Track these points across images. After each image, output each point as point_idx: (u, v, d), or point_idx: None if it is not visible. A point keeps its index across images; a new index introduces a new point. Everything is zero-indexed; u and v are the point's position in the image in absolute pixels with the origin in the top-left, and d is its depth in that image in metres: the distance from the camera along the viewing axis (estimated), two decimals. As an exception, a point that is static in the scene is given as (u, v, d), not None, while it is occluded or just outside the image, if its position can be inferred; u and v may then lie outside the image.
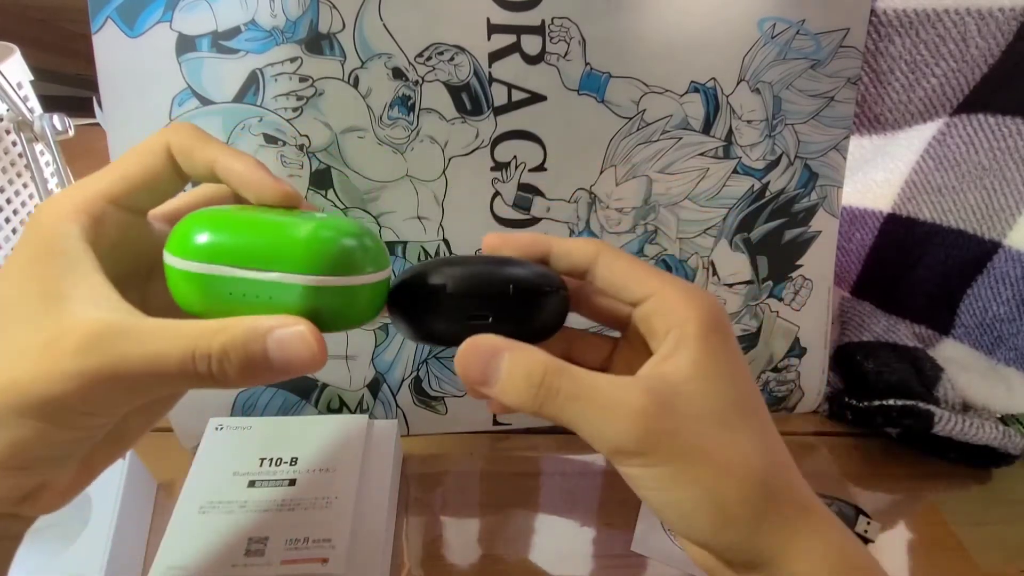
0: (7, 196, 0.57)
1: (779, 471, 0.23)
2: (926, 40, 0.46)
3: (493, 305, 0.24)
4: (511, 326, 0.24)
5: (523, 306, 0.24)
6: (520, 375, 0.22)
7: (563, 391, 0.22)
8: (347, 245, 0.21)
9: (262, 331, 0.20)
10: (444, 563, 0.40)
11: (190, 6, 0.37)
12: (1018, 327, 0.48)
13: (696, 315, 0.23)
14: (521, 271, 0.25)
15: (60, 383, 0.19)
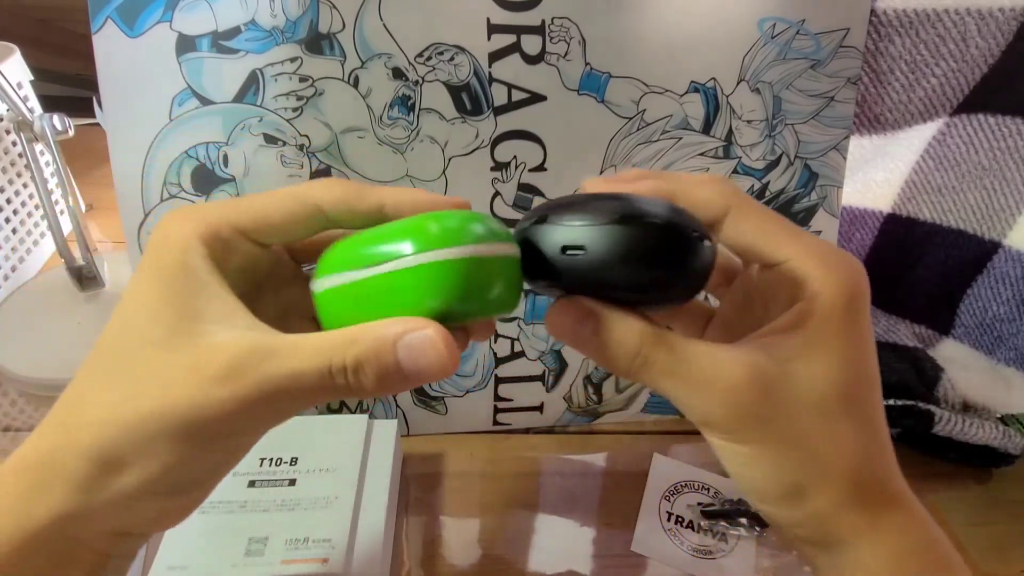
0: (7, 196, 0.57)
1: (873, 466, 0.22)
2: (926, 40, 0.46)
3: (625, 242, 0.20)
4: (642, 273, 0.21)
5: (661, 248, 0.20)
6: (614, 344, 0.21)
7: (658, 364, 0.21)
8: (471, 216, 0.21)
9: (391, 340, 0.20)
10: (444, 563, 0.40)
11: (190, 6, 0.37)
12: (1018, 327, 0.48)
13: (833, 290, 0.21)
14: (664, 209, 0.21)
15: (210, 408, 0.19)
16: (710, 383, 0.21)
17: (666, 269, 0.21)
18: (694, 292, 0.22)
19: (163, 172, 0.39)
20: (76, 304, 0.53)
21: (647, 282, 0.21)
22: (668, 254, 0.20)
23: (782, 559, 0.41)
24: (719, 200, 0.23)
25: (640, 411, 0.49)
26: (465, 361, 0.46)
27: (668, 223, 0.20)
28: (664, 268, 0.21)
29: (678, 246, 0.21)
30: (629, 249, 0.20)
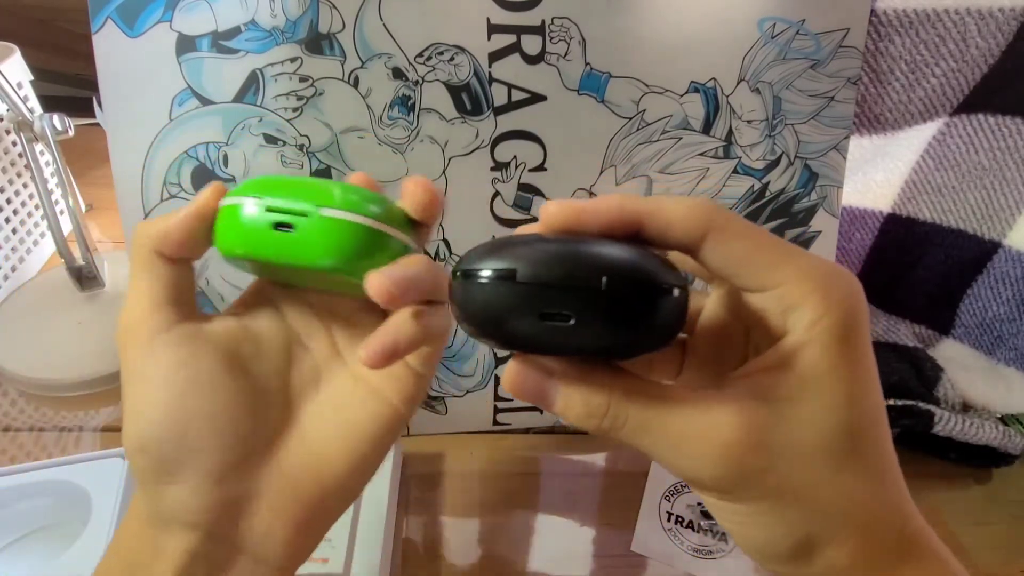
0: (7, 196, 0.57)
1: (887, 512, 0.20)
2: (926, 40, 0.46)
3: (577, 302, 0.17)
4: (601, 335, 0.18)
5: (621, 308, 0.18)
6: (578, 405, 0.19)
7: (630, 422, 0.19)
8: (376, 196, 0.23)
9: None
10: (444, 563, 0.40)
11: (190, 6, 0.37)
12: (1018, 327, 0.47)
13: (829, 321, 0.19)
14: (621, 255, 0.18)
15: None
16: (695, 440, 0.19)
17: (636, 330, 0.18)
18: (666, 343, 0.20)
19: (163, 172, 0.39)
20: (76, 304, 0.53)
21: (616, 345, 0.19)
22: (639, 314, 0.18)
23: (782, 559, 0.41)
24: (694, 223, 0.20)
25: (640, 411, 0.49)
26: (465, 361, 0.46)
27: (635, 279, 0.18)
28: (634, 329, 0.18)
29: (649, 304, 0.18)
30: (593, 310, 0.18)
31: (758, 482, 0.19)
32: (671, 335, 0.19)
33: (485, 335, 0.19)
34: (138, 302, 0.23)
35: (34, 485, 0.38)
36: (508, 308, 0.18)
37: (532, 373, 0.20)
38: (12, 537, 0.38)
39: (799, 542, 0.19)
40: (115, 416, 0.48)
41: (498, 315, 0.18)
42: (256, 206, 0.22)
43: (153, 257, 0.23)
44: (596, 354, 0.19)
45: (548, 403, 0.20)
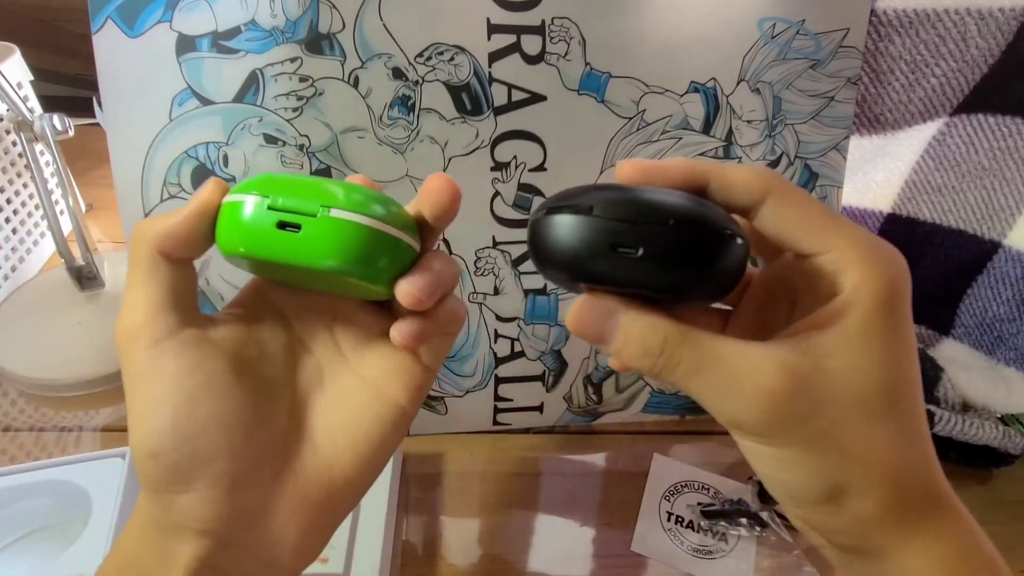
0: (7, 196, 0.57)
1: (915, 469, 0.21)
2: (926, 40, 0.46)
3: (647, 238, 0.19)
4: (666, 270, 0.20)
5: (686, 246, 0.20)
6: (636, 341, 0.20)
7: (684, 363, 0.20)
8: (380, 196, 0.23)
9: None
10: (444, 563, 0.40)
11: (190, 6, 0.37)
12: (1018, 327, 0.47)
13: (875, 285, 0.20)
14: (690, 203, 0.20)
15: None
16: (741, 383, 0.20)
17: (699, 269, 0.20)
18: (727, 292, 0.21)
19: (163, 172, 0.39)
20: (76, 304, 0.53)
21: (679, 282, 0.20)
22: (702, 254, 0.20)
23: (782, 559, 0.41)
24: (757, 185, 0.21)
25: (640, 411, 0.49)
26: (465, 361, 0.46)
27: (701, 222, 0.20)
28: (697, 268, 0.20)
29: (712, 246, 0.20)
30: (662, 248, 0.19)
31: (796, 428, 0.20)
32: (730, 282, 0.21)
33: (560, 266, 0.21)
34: (139, 305, 0.22)
35: (34, 485, 0.38)
36: (584, 239, 0.20)
37: (597, 308, 0.21)
38: (12, 537, 0.38)
39: (830, 488, 0.20)
40: (115, 416, 0.48)
41: (574, 246, 0.20)
42: (260, 205, 0.21)
43: (155, 257, 0.22)
44: (659, 292, 0.21)
45: (607, 339, 0.21)
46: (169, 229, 0.22)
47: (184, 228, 0.22)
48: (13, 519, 0.38)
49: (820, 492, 0.21)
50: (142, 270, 0.22)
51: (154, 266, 0.22)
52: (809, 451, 0.20)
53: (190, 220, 0.22)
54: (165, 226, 0.22)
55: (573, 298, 0.45)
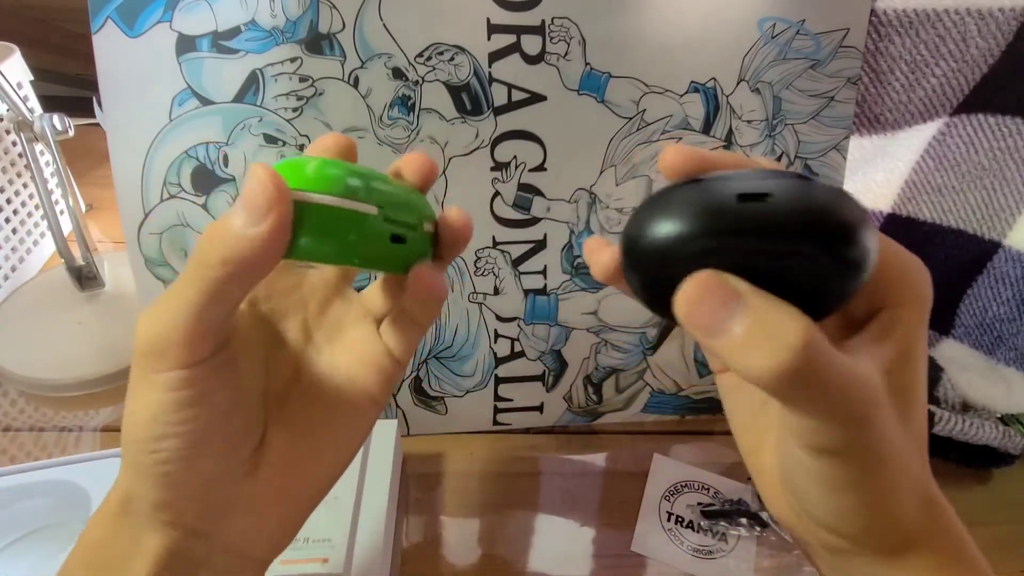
0: (7, 196, 0.57)
1: (925, 477, 0.22)
2: (926, 40, 0.46)
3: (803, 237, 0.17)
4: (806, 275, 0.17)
5: (857, 236, 0.17)
6: (764, 337, 0.16)
7: (816, 378, 0.17)
8: (347, 168, 0.22)
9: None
10: (444, 563, 0.40)
11: (190, 6, 0.37)
12: (1018, 327, 0.47)
13: (920, 296, 0.20)
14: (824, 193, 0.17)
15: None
16: (847, 401, 0.18)
17: (853, 259, 0.17)
18: (853, 293, 0.18)
19: (163, 172, 0.39)
20: (76, 304, 0.53)
21: (832, 267, 0.17)
22: (860, 241, 0.17)
23: (782, 559, 0.41)
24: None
25: (640, 411, 0.49)
26: (465, 361, 0.46)
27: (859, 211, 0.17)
28: (852, 257, 0.17)
29: (869, 236, 0.17)
30: (832, 222, 0.17)
31: (885, 445, 0.19)
32: (852, 285, 0.18)
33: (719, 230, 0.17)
34: (178, 315, 0.19)
35: (34, 485, 0.38)
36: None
37: (722, 288, 0.17)
38: (12, 537, 0.38)
39: (878, 512, 0.21)
40: (115, 416, 0.48)
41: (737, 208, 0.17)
42: (378, 219, 0.20)
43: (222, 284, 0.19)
44: (809, 281, 0.17)
45: (722, 328, 0.17)
46: (250, 258, 0.19)
47: (267, 255, 0.19)
48: (13, 519, 0.38)
49: (867, 510, 0.20)
50: (202, 290, 0.19)
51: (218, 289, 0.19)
52: (868, 470, 0.20)
53: (275, 242, 0.18)
54: (242, 253, 0.18)
55: (573, 297, 0.45)
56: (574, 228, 0.43)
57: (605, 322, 0.46)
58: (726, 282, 0.17)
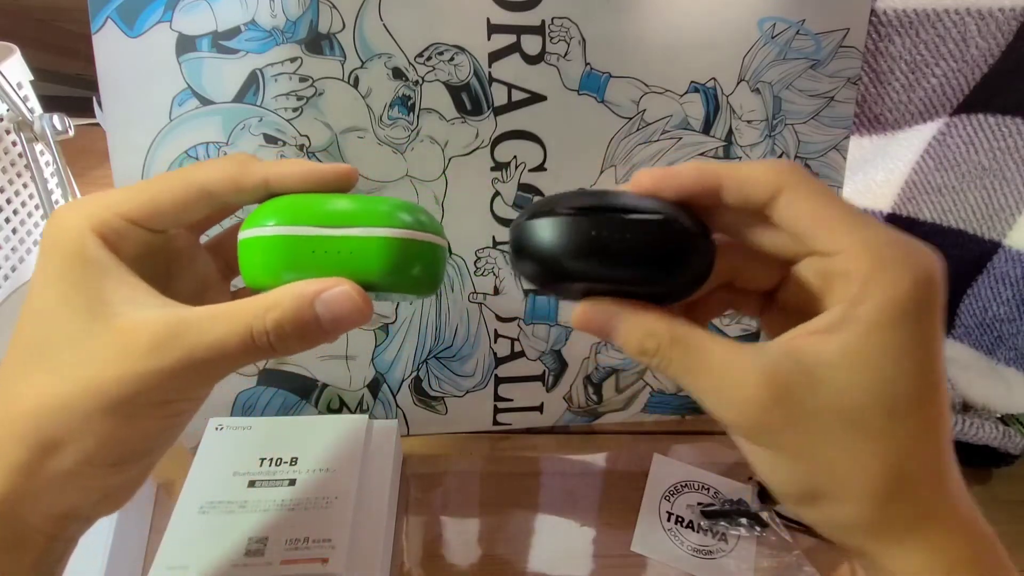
0: (7, 196, 0.57)
1: (905, 484, 0.20)
2: (926, 40, 0.46)
3: (614, 233, 0.21)
4: (639, 279, 0.21)
5: (650, 243, 0.21)
6: (634, 341, 0.22)
7: (675, 363, 0.21)
8: (420, 208, 0.24)
9: (309, 297, 0.21)
10: (444, 563, 0.40)
11: (190, 6, 0.37)
12: (1018, 327, 0.47)
13: (886, 295, 0.19)
14: (655, 203, 0.21)
15: (138, 382, 0.20)
16: (724, 386, 0.21)
17: (657, 264, 0.21)
18: (693, 288, 0.22)
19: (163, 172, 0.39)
20: (76, 304, 0.53)
21: (641, 277, 0.21)
22: (664, 249, 0.21)
23: (782, 559, 0.41)
24: (769, 180, 0.21)
25: (640, 411, 0.49)
26: (465, 361, 0.46)
27: (659, 218, 0.21)
28: (655, 263, 0.21)
29: (668, 241, 0.21)
30: (630, 244, 0.21)
31: (774, 434, 0.20)
32: (699, 278, 0.22)
33: (541, 264, 0.22)
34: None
35: (34, 485, 0.38)
36: (562, 238, 0.21)
37: (598, 310, 0.22)
38: (12, 537, 0.38)
39: (803, 491, 0.21)
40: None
41: (556, 243, 0.21)
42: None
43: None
44: (631, 286, 0.22)
45: (611, 337, 0.22)
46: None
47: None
48: (13, 519, 0.38)
49: (795, 492, 0.22)
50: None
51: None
52: (787, 456, 0.21)
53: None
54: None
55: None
56: (574, 228, 0.43)
57: (605, 322, 0.46)
58: (601, 306, 0.22)
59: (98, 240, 0.22)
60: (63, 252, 0.22)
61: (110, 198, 0.23)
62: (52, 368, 0.21)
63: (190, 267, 0.26)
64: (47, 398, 0.20)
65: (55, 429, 0.20)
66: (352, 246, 0.22)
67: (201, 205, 0.24)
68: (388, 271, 0.22)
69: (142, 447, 0.23)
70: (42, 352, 0.21)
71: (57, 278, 0.21)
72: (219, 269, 0.28)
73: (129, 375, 0.20)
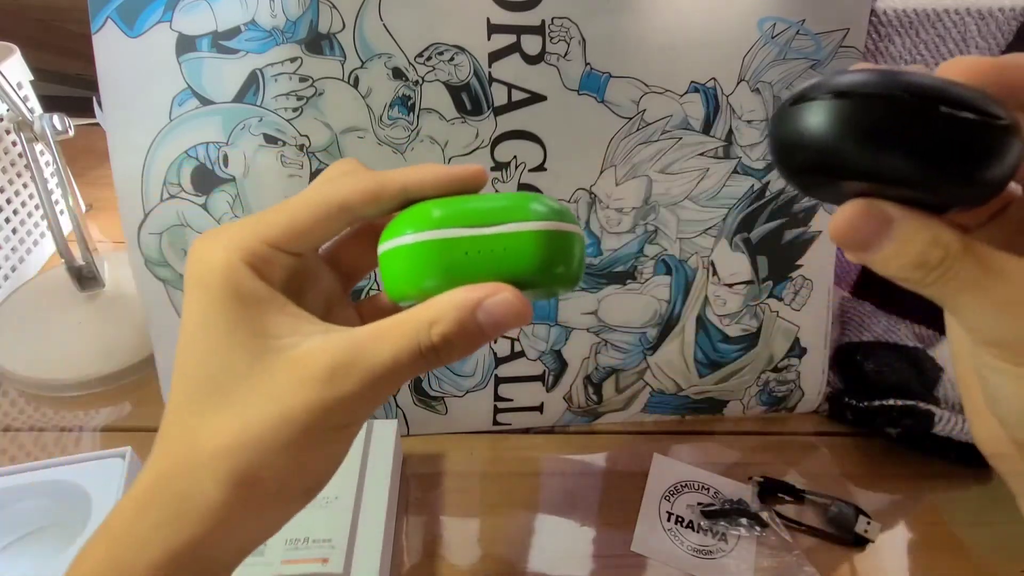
0: (7, 196, 0.57)
1: None
2: (926, 40, 0.46)
3: (919, 121, 0.18)
4: (938, 161, 0.18)
5: (959, 134, 0.18)
6: (914, 251, 0.19)
7: (961, 277, 0.19)
8: (552, 199, 0.23)
9: (471, 307, 0.21)
10: (444, 563, 0.40)
11: (190, 6, 0.37)
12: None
13: None
14: (960, 88, 0.18)
15: (326, 408, 0.20)
16: (1018, 304, 0.18)
17: (962, 160, 0.18)
18: (991, 197, 0.19)
19: (163, 172, 0.39)
20: (76, 304, 0.53)
21: (942, 172, 0.18)
22: (973, 141, 0.18)
23: (782, 559, 0.41)
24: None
25: (640, 411, 0.49)
26: (465, 361, 0.46)
27: (973, 106, 0.18)
28: (960, 159, 0.18)
29: (976, 132, 0.18)
30: (932, 134, 0.18)
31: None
32: (1004, 178, 0.19)
33: (817, 156, 0.19)
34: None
35: (34, 485, 0.38)
36: (843, 125, 0.18)
37: (873, 211, 0.19)
38: (12, 537, 0.38)
39: None
40: (115, 416, 0.48)
41: (835, 132, 0.18)
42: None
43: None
44: (928, 186, 0.19)
45: (876, 247, 0.19)
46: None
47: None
48: (13, 519, 0.38)
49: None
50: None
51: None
52: None
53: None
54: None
55: (573, 297, 0.45)
56: (574, 228, 0.43)
57: (605, 322, 0.46)
58: (878, 206, 0.19)
59: (250, 271, 0.22)
60: (218, 287, 0.21)
61: (253, 225, 0.23)
62: (234, 405, 0.21)
63: (317, 284, 0.26)
64: (239, 435, 0.20)
65: (252, 465, 0.20)
66: (506, 243, 0.22)
67: (341, 223, 0.23)
68: (541, 265, 0.22)
69: (328, 471, 0.23)
70: (218, 390, 0.21)
71: (218, 315, 0.21)
72: (339, 281, 0.28)
73: (316, 403, 0.20)
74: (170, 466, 0.21)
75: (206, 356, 0.21)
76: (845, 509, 0.42)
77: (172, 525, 0.21)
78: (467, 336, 0.21)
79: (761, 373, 0.49)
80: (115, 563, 0.21)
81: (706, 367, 0.48)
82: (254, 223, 0.23)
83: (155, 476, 0.21)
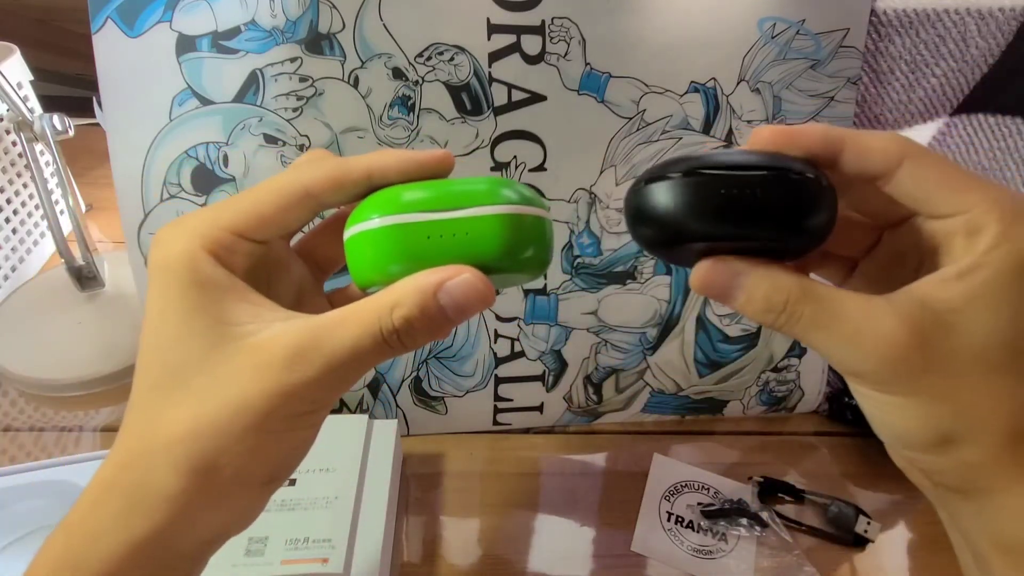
0: (7, 196, 0.57)
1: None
2: (926, 40, 0.46)
3: (745, 189, 0.21)
4: (770, 235, 0.21)
5: (785, 194, 0.21)
6: (760, 298, 0.21)
7: (805, 318, 0.21)
8: (521, 183, 0.23)
9: (431, 289, 0.21)
10: (444, 563, 0.40)
11: (190, 6, 0.37)
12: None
13: (1011, 246, 0.20)
14: (781, 159, 0.21)
15: (285, 394, 0.20)
16: (862, 336, 0.20)
17: (798, 214, 0.21)
18: (819, 243, 0.22)
19: (163, 172, 0.39)
20: (76, 304, 0.53)
21: (774, 229, 0.21)
22: (798, 199, 0.21)
23: (782, 559, 0.41)
24: (894, 149, 0.22)
25: (640, 411, 0.49)
26: (465, 361, 0.46)
27: (792, 169, 0.21)
28: (796, 213, 0.21)
29: (796, 190, 0.21)
30: (763, 196, 0.20)
31: (914, 379, 0.20)
32: (828, 227, 0.22)
33: (669, 228, 0.21)
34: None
35: (34, 485, 0.38)
36: (690, 198, 0.21)
37: (723, 268, 0.22)
38: (12, 537, 0.38)
39: (938, 436, 0.21)
40: (115, 416, 0.48)
41: (683, 205, 0.21)
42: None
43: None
44: (767, 240, 0.21)
45: (732, 297, 0.22)
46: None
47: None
48: (13, 519, 0.38)
49: (930, 439, 0.21)
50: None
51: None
52: (924, 400, 0.21)
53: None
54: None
55: (573, 297, 0.45)
56: (574, 228, 0.43)
57: (605, 322, 0.46)
58: (728, 263, 0.22)
59: (211, 259, 0.22)
60: (178, 275, 0.21)
61: (214, 213, 0.22)
62: (191, 393, 0.20)
63: (287, 274, 0.26)
64: (195, 422, 0.20)
65: (210, 452, 0.20)
66: (470, 227, 0.21)
67: (305, 209, 0.23)
68: (506, 249, 0.22)
69: (290, 460, 0.23)
70: (176, 379, 0.21)
71: (177, 303, 0.21)
72: (311, 272, 0.28)
73: (275, 389, 0.20)
74: (128, 457, 0.21)
75: (166, 345, 0.21)
76: (845, 509, 0.42)
77: (130, 515, 0.20)
78: (429, 319, 0.21)
79: (761, 373, 0.49)
80: (72, 555, 0.21)
81: (706, 367, 0.48)
82: (217, 211, 0.23)
83: (113, 467, 0.21)
